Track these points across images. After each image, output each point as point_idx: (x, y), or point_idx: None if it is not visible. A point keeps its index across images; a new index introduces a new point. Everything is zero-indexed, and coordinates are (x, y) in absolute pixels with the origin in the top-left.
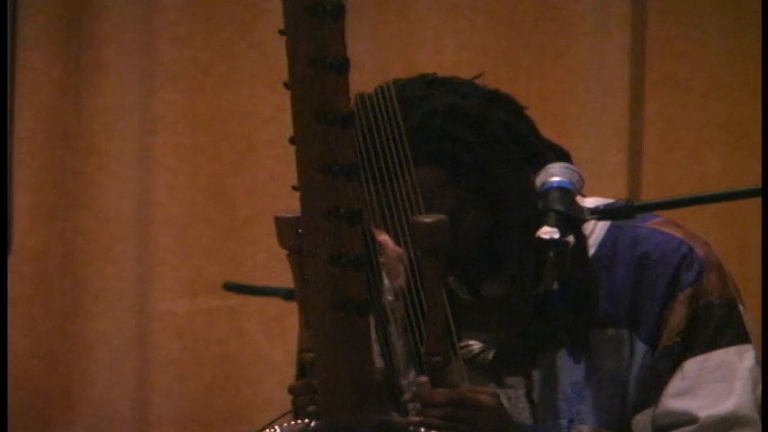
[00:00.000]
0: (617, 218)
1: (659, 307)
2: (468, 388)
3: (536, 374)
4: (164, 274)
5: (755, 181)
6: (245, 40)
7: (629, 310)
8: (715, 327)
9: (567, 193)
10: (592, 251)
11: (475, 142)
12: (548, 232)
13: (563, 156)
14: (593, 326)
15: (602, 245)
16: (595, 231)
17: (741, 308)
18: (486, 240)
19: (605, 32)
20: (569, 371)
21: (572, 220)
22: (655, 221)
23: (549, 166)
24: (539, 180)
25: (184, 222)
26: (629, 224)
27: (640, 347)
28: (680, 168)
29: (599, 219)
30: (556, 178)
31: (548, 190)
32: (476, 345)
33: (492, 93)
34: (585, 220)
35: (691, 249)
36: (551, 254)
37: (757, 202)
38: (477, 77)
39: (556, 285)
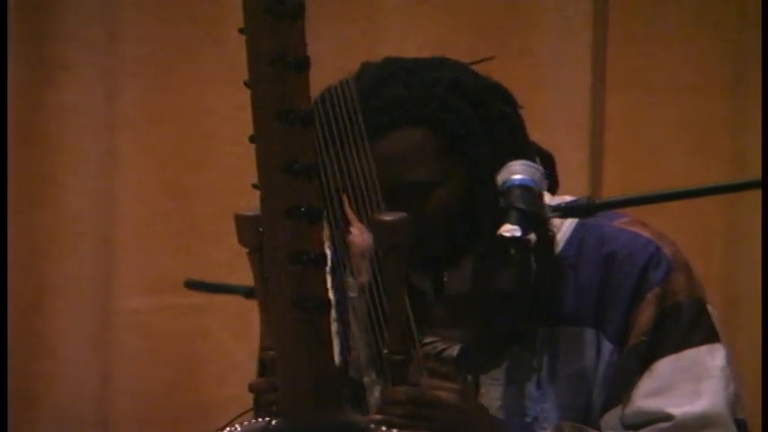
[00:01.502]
0: (578, 215)
1: (626, 306)
2: (430, 385)
3: (500, 372)
4: (126, 272)
5: (716, 179)
6: (207, 38)
7: (595, 308)
8: (685, 326)
9: (529, 190)
10: (558, 249)
11: (471, 118)
12: (509, 230)
13: (547, 159)
14: (559, 324)
15: (569, 243)
16: (562, 229)
17: (709, 307)
18: (452, 220)
19: (568, 31)
20: (534, 369)
21: (534, 217)
22: (622, 221)
23: (510, 163)
24: (500, 178)
25: (146, 220)
26: (597, 223)
27: (606, 346)
28: (641, 166)
29: (561, 216)
30: (518, 176)
31: (509, 188)
32: (439, 341)
33: (495, 83)
34: (547, 218)
35: (658, 249)
36: (513, 251)
37: (720, 201)
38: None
39: (518, 283)
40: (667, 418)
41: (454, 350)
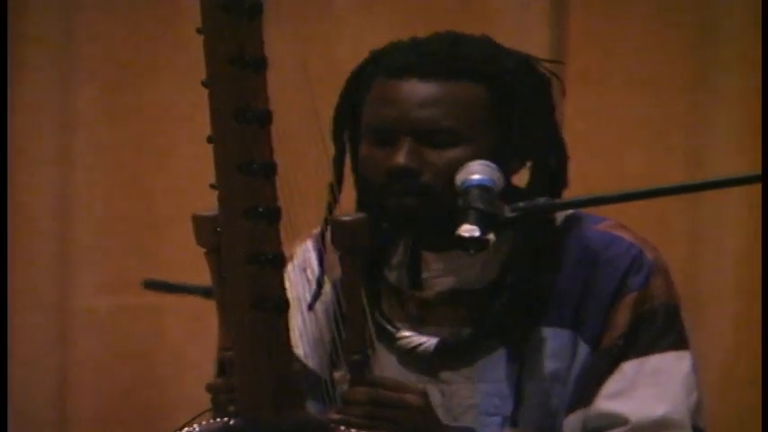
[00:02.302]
0: (537, 216)
1: (605, 309)
2: (390, 386)
3: (475, 371)
4: (84, 272)
5: (676, 178)
6: (165, 38)
7: (574, 310)
8: (656, 331)
9: (488, 191)
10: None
11: (531, 98)
12: (468, 230)
13: (563, 158)
14: (537, 325)
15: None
16: None
17: (683, 314)
18: (453, 185)
19: (524, 29)
20: (509, 369)
21: (492, 217)
22: (605, 224)
23: (469, 164)
24: (459, 178)
25: (104, 220)
26: (579, 225)
27: (583, 348)
28: (600, 165)
29: (519, 216)
30: (476, 176)
31: (468, 188)
32: (415, 336)
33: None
34: (505, 218)
35: (641, 253)
36: (471, 251)
37: (680, 201)
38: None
39: (495, 285)
40: (625, 421)
41: (431, 345)
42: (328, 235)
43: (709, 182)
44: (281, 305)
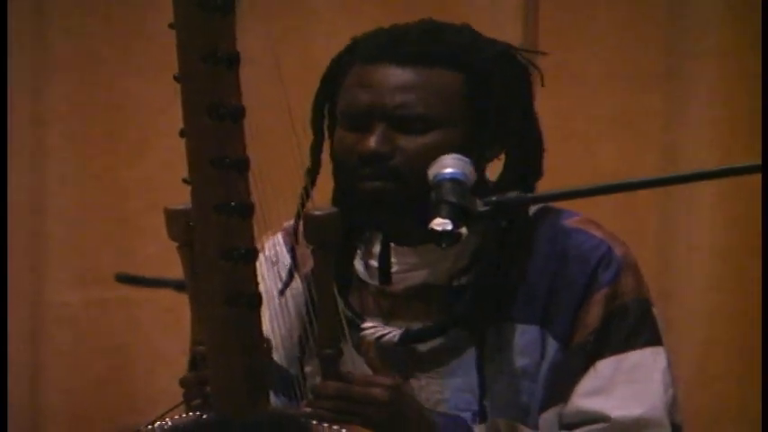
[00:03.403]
0: (509, 210)
1: (575, 305)
2: (361, 380)
3: (444, 366)
4: (56, 265)
5: (649, 171)
6: (138, 32)
7: (543, 306)
8: (630, 328)
9: (460, 184)
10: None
11: (509, 89)
12: (440, 224)
13: (539, 148)
14: (506, 321)
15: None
16: None
17: (655, 310)
18: (425, 171)
19: (497, 24)
20: (478, 365)
21: (465, 211)
22: (574, 219)
23: (442, 157)
24: (431, 172)
25: (77, 213)
26: (549, 221)
27: (552, 345)
28: (573, 160)
29: (492, 210)
30: (449, 170)
31: (440, 181)
32: (380, 327)
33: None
34: (478, 212)
35: (610, 249)
36: (443, 245)
37: (651, 195)
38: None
39: (465, 280)
40: (604, 419)
41: (395, 335)
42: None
43: (709, 172)
44: (254, 300)
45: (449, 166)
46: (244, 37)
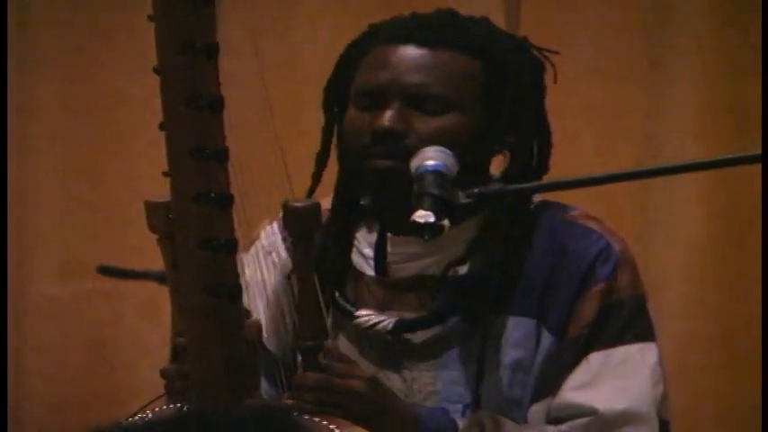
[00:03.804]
0: (492, 201)
1: (571, 299)
2: (340, 372)
3: (437, 358)
4: (38, 257)
5: (628, 164)
6: (121, 24)
7: (539, 299)
8: (623, 323)
9: (442, 176)
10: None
11: (524, 80)
12: (422, 216)
13: (546, 143)
14: (502, 313)
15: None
16: None
17: (649, 306)
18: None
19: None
20: (471, 357)
21: (447, 203)
22: (574, 213)
23: (423, 149)
24: (413, 164)
25: (59, 205)
26: (549, 214)
27: (546, 338)
28: (554, 150)
29: (474, 202)
30: (431, 162)
31: (423, 173)
32: (374, 315)
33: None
34: (460, 204)
35: (608, 244)
36: (426, 237)
37: (630, 187)
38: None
39: (461, 271)
40: (591, 412)
41: (389, 323)
42: None
43: (709, 162)
44: (234, 291)
45: (431, 158)
46: (223, 27)
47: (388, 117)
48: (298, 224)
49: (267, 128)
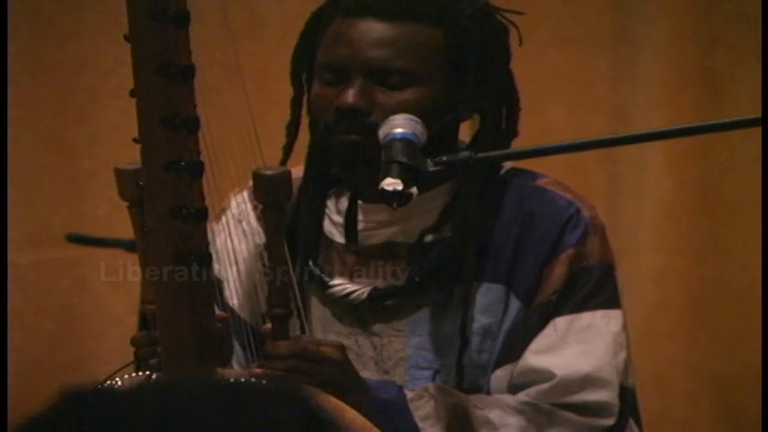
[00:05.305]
0: (460, 169)
1: (539, 265)
2: (310, 341)
3: (407, 324)
4: (6, 226)
5: (597, 132)
6: None
7: (508, 265)
8: (589, 290)
9: (411, 144)
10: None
11: (488, 45)
12: (391, 184)
13: (514, 106)
14: (471, 279)
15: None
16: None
17: (616, 274)
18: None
19: None
20: (442, 323)
21: (415, 171)
22: (544, 180)
23: (391, 117)
24: (382, 132)
25: (27, 173)
26: (519, 181)
27: (514, 304)
28: (522, 119)
29: (443, 170)
30: (399, 129)
31: (391, 141)
32: (348, 284)
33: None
34: (428, 171)
35: (578, 211)
36: (394, 205)
37: (599, 154)
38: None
39: (432, 238)
40: (549, 378)
41: (364, 293)
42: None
43: (709, 125)
44: (204, 259)
45: (399, 126)
46: None
47: (351, 94)
48: (268, 192)
49: (237, 96)
